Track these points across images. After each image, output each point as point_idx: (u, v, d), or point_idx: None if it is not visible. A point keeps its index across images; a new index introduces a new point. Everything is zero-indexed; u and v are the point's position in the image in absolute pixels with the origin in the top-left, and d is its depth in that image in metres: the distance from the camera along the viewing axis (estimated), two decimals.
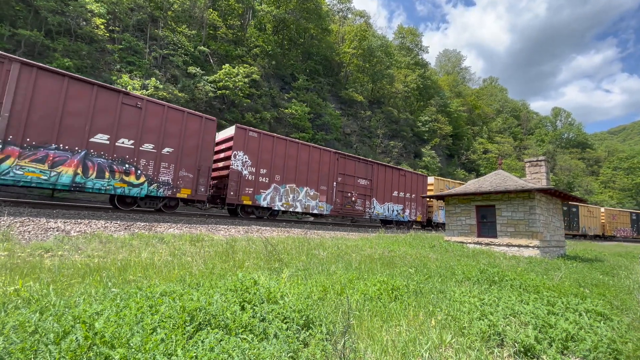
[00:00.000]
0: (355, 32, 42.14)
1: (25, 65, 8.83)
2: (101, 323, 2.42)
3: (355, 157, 18.88)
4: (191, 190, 12.17)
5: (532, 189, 11.50)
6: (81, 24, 20.83)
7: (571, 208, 33.43)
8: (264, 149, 14.30)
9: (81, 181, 9.75)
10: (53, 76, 9.30)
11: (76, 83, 9.69)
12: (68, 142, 9.49)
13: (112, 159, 10.33)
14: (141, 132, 10.88)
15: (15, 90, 8.65)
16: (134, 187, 10.80)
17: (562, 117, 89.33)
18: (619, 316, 4.35)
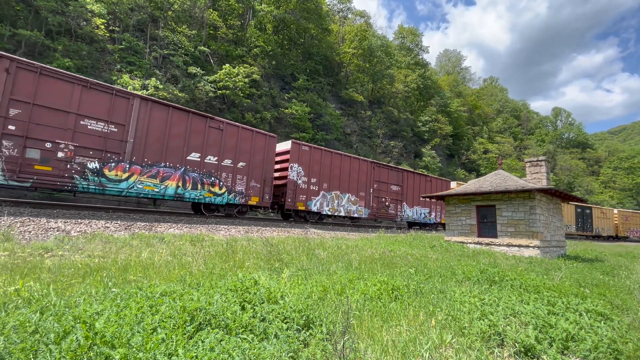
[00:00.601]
0: (356, 32, 42.14)
1: (143, 99, 11.05)
2: (101, 323, 2.42)
3: (388, 165, 21.19)
4: (259, 198, 14.26)
5: (532, 189, 11.49)
6: (81, 24, 20.85)
7: (585, 210, 34.25)
8: (314, 161, 16.27)
9: (181, 192, 11.89)
10: (161, 107, 11.49)
11: (176, 111, 11.84)
12: (172, 160, 11.66)
13: (202, 173, 12.45)
14: (222, 150, 12.99)
15: (137, 120, 10.84)
16: (218, 197, 12.97)
17: (562, 117, 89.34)
18: (619, 316, 4.35)
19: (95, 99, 10.16)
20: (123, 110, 10.59)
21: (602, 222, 36.51)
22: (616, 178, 71.48)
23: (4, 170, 8.65)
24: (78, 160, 9.82)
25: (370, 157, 33.40)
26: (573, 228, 33.03)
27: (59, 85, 9.51)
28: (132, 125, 10.72)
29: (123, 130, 10.56)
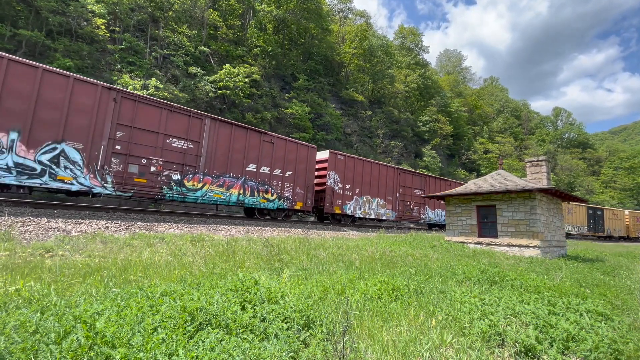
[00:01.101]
0: (356, 32, 42.12)
1: (212, 119, 12.94)
2: (102, 323, 2.42)
3: (412, 171, 23.48)
4: (302, 203, 15.94)
5: (532, 188, 11.48)
6: (82, 24, 20.87)
7: (596, 211, 35.31)
8: (348, 168, 18.03)
9: (242, 199, 13.63)
10: (226, 125, 13.34)
11: (237, 128, 13.68)
12: (234, 171, 13.44)
13: (258, 182, 14.16)
14: (273, 161, 14.70)
15: (208, 137, 12.63)
16: (270, 202, 14.66)
17: (563, 117, 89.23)
18: (620, 316, 4.35)
19: (176, 121, 11.89)
20: (197, 129, 12.36)
21: (614, 223, 37.27)
22: (617, 178, 71.38)
23: (114, 183, 10.44)
24: (165, 173, 11.64)
25: (371, 157, 33.42)
26: (585, 229, 33.58)
27: (151, 110, 11.28)
28: (204, 142, 12.57)
29: (198, 146, 12.40)
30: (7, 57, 8.84)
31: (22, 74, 8.96)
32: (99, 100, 10.17)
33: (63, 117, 9.54)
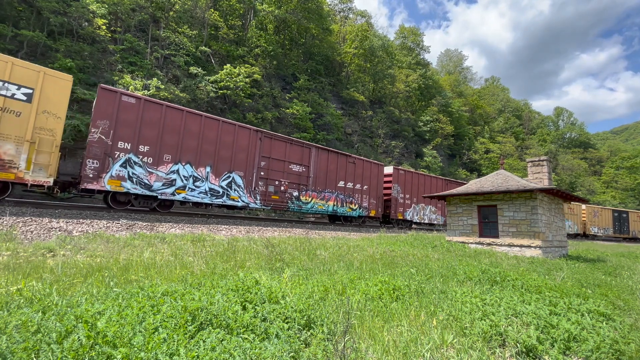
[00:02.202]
0: (357, 32, 42.11)
1: (317, 148, 16.83)
2: (103, 322, 2.43)
3: (455, 181, 26.42)
4: (375, 211, 19.60)
5: (534, 188, 11.46)
6: (83, 24, 20.91)
7: (622, 214, 38.05)
8: (407, 181, 21.70)
9: (335, 209, 17.42)
10: (325, 151, 17.16)
11: (331, 153, 17.49)
12: (330, 187, 17.15)
13: (345, 195, 17.96)
14: (354, 177, 18.49)
15: (314, 161, 16.49)
16: (354, 211, 18.41)
17: (564, 116, 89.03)
18: (621, 317, 4.33)
19: (294, 150, 15.65)
20: (307, 156, 16.18)
21: (638, 225, 39.51)
22: (618, 178, 71.15)
23: (260, 199, 14.19)
24: (289, 191, 15.26)
25: (372, 157, 33.42)
26: (610, 230, 36.17)
27: (280, 144, 15.10)
28: (311, 166, 16.31)
29: (308, 169, 16.12)
30: (203, 115, 12.68)
31: (210, 125, 12.77)
32: (250, 140, 13.98)
33: (232, 154, 13.38)
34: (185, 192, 12.05)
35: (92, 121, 10.36)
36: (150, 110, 11.30)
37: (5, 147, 8.52)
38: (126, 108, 10.81)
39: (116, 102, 10.58)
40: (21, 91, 8.84)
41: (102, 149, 10.33)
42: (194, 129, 12.29)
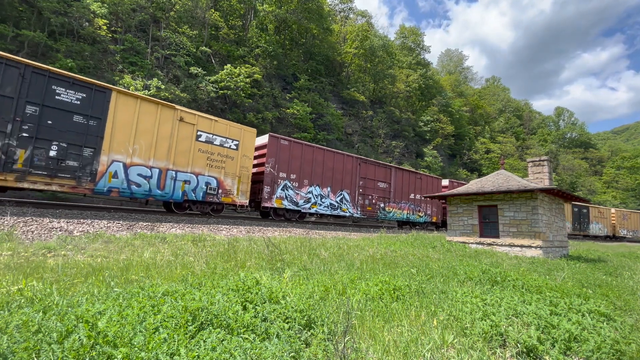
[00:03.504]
0: (357, 32, 42.11)
1: (396, 168, 21.33)
2: (104, 322, 2.43)
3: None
4: (436, 217, 23.94)
5: (534, 188, 11.45)
6: (84, 24, 20.93)
7: None
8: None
9: (408, 216, 21.62)
10: (403, 171, 21.90)
11: (405, 172, 22.20)
12: (404, 199, 21.41)
13: (415, 205, 22.13)
14: (421, 190, 22.51)
15: (394, 179, 20.81)
16: (421, 218, 22.58)
17: (565, 116, 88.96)
18: (622, 317, 4.33)
19: (380, 171, 20.05)
20: (389, 175, 20.58)
21: None
22: (619, 178, 71.06)
23: (360, 210, 18.44)
24: (378, 203, 19.58)
25: (372, 157, 33.43)
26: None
27: (371, 167, 19.52)
28: (392, 182, 20.65)
29: (389, 185, 20.46)
30: (325, 149, 17.19)
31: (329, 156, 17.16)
32: (352, 165, 18.41)
33: (342, 176, 17.64)
34: (316, 207, 16.34)
35: (266, 159, 14.39)
36: (295, 149, 15.45)
37: (227, 181, 13.00)
38: (282, 148, 14.90)
39: (277, 145, 14.73)
40: (233, 143, 13.20)
41: (271, 178, 14.46)
42: (319, 159, 16.53)
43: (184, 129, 11.79)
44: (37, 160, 8.99)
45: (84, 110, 9.70)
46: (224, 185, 12.83)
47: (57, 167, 9.27)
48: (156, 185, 11.12)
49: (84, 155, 9.70)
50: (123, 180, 10.43)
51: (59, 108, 9.35)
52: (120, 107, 10.34)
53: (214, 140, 12.61)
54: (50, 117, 9.19)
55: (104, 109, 10.04)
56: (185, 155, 11.82)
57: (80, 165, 9.64)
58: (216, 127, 12.69)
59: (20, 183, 8.77)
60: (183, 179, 11.78)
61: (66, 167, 9.43)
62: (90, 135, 9.81)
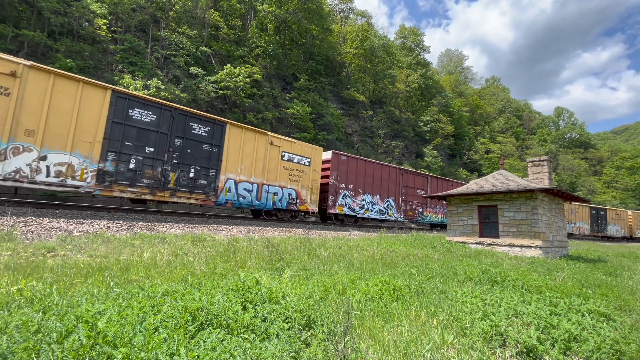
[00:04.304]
0: (357, 32, 42.11)
1: (431, 176, 24.37)
2: (104, 322, 2.43)
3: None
4: None
5: (534, 189, 11.46)
6: (83, 24, 20.92)
7: None
8: None
9: (443, 220, 24.25)
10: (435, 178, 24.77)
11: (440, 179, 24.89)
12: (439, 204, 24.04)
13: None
14: None
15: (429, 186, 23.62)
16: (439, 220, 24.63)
17: (564, 116, 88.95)
18: (622, 317, 4.33)
19: (418, 180, 22.91)
20: (426, 183, 23.41)
21: None
22: (618, 178, 71.05)
23: (403, 215, 21.27)
24: (417, 208, 22.41)
25: (372, 157, 33.44)
26: None
27: (411, 176, 22.62)
28: (428, 190, 23.36)
29: (426, 192, 22.97)
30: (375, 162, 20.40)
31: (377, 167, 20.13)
32: (397, 175, 21.25)
33: (388, 185, 20.52)
34: (368, 212, 19.14)
35: (330, 172, 17.25)
36: (351, 162, 18.39)
37: (303, 192, 15.72)
38: (341, 163, 17.83)
39: (338, 160, 17.71)
40: (306, 160, 15.94)
41: (334, 189, 17.30)
42: (369, 171, 19.41)
43: (272, 151, 14.56)
44: (182, 180, 11.75)
45: (209, 140, 12.46)
46: (301, 196, 15.66)
47: (193, 185, 12.03)
48: (255, 197, 13.83)
49: (209, 175, 12.44)
50: (234, 194, 13.11)
51: (194, 139, 12.07)
52: (231, 136, 13.07)
53: (293, 159, 15.43)
54: (189, 147, 11.92)
55: (222, 138, 12.81)
56: (274, 172, 14.57)
57: (208, 183, 12.38)
58: (294, 148, 15.52)
59: (172, 198, 11.48)
60: (273, 192, 14.55)
61: (199, 185, 12.17)
62: (213, 160, 12.55)
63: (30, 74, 8.90)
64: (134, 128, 10.73)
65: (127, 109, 10.61)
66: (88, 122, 9.80)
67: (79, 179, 9.64)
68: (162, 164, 11.22)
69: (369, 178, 19.21)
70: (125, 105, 10.57)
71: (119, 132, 10.40)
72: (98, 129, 9.97)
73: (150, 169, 10.97)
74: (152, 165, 11.02)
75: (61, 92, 9.36)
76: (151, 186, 10.98)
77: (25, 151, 8.77)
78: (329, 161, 17.42)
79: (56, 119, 9.25)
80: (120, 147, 10.40)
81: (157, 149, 11.13)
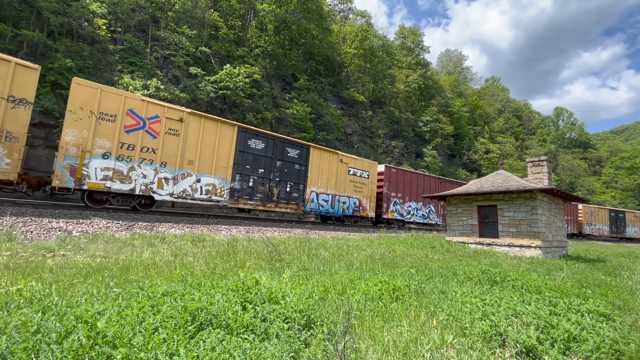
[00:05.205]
0: (357, 33, 42.10)
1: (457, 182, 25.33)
2: (103, 323, 2.43)
3: None
4: None
5: (534, 189, 11.46)
6: (83, 24, 20.91)
7: None
8: None
9: None
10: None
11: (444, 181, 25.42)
12: None
13: None
14: None
15: None
16: None
17: (564, 117, 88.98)
18: (621, 317, 4.33)
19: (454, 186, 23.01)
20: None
21: None
22: (618, 178, 71.10)
23: (441, 219, 23.63)
24: None
25: (372, 158, 33.46)
26: None
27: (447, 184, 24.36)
28: None
29: None
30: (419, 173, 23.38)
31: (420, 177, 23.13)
32: (436, 184, 23.61)
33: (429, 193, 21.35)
34: (414, 217, 21.85)
35: (383, 183, 20.01)
36: (400, 174, 21.37)
37: (364, 200, 18.66)
38: (392, 174, 20.69)
39: (389, 172, 20.59)
40: (366, 173, 19.04)
41: (387, 197, 20.16)
42: (414, 181, 22.04)
43: (342, 167, 17.69)
44: (282, 194, 14.72)
45: (299, 160, 15.51)
46: (362, 204, 18.60)
47: (289, 197, 14.97)
48: (330, 206, 16.91)
49: (299, 189, 15.45)
50: (316, 204, 16.17)
51: (289, 161, 15.10)
52: (313, 156, 16.07)
53: (357, 173, 18.49)
54: (285, 167, 14.93)
55: (307, 159, 15.87)
56: (343, 184, 17.60)
57: (299, 195, 15.37)
58: (357, 163, 18.66)
59: (276, 208, 14.57)
60: (342, 201, 17.62)
61: (292, 197, 15.12)
62: (302, 176, 15.58)
63: (190, 118, 11.92)
64: (251, 154, 13.80)
65: (247, 140, 13.65)
66: (224, 152, 12.90)
67: (219, 195, 12.72)
68: (269, 181, 14.33)
69: (413, 187, 22.11)
70: (245, 137, 13.63)
71: (242, 158, 13.51)
72: (230, 156, 13.07)
73: (262, 186, 14.06)
74: (263, 182, 14.11)
75: (207, 130, 12.41)
76: (262, 199, 14.05)
77: (188, 176, 11.92)
78: (382, 173, 20.38)
79: (205, 151, 12.36)
80: (243, 170, 13.50)
81: (266, 170, 14.23)
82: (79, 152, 9.69)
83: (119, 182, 10.41)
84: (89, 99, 9.89)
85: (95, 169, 10.01)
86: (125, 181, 10.52)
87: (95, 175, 9.99)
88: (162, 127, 11.24)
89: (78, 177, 9.70)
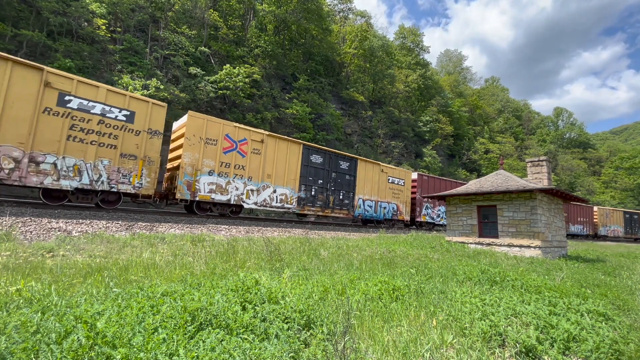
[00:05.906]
0: (356, 33, 42.12)
1: None
2: (103, 323, 2.43)
3: None
4: None
5: (533, 189, 11.47)
6: (83, 24, 20.90)
7: None
8: None
9: None
10: None
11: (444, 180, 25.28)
12: None
13: None
14: None
15: None
16: None
17: (564, 117, 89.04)
18: (620, 317, 4.34)
19: None
20: None
21: None
22: (617, 178, 71.14)
23: None
24: None
25: (371, 157, 33.46)
26: None
27: None
28: None
29: None
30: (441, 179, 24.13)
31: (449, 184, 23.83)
32: None
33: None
34: (443, 220, 23.40)
35: (416, 189, 21.91)
36: (430, 181, 23.08)
37: (401, 205, 20.83)
38: (424, 181, 22.64)
39: (421, 179, 22.51)
40: (402, 181, 21.08)
41: (420, 202, 22.07)
42: (442, 186, 23.21)
43: (382, 176, 19.79)
44: (336, 201, 16.82)
45: (349, 172, 17.62)
46: (399, 209, 20.72)
47: (342, 204, 17.12)
48: (374, 211, 18.99)
49: (350, 196, 17.57)
50: (363, 209, 18.26)
51: (341, 172, 17.22)
52: (359, 167, 18.21)
53: (395, 181, 20.59)
54: (338, 178, 17.05)
55: (355, 170, 17.98)
56: (383, 192, 19.70)
57: (349, 202, 17.49)
58: (394, 172, 20.73)
59: (332, 213, 16.57)
60: (383, 206, 19.68)
61: (344, 204, 17.24)
62: (351, 185, 17.68)
63: (267, 139, 14.21)
64: (312, 168, 15.90)
65: (309, 155, 15.82)
66: (292, 166, 15.04)
67: (290, 203, 14.84)
68: (326, 190, 16.45)
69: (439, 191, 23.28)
70: (308, 153, 15.79)
71: (306, 172, 15.61)
72: (297, 170, 15.21)
73: (321, 194, 16.19)
74: (322, 192, 16.24)
75: (280, 148, 14.64)
76: (321, 206, 16.15)
77: (267, 188, 14.03)
78: (415, 180, 22.36)
79: (279, 166, 14.53)
80: (306, 181, 15.58)
81: (324, 181, 16.38)
82: (193, 170, 11.96)
83: (219, 194, 12.68)
84: (198, 127, 12.12)
85: (204, 184, 12.28)
86: (224, 193, 12.80)
87: (203, 189, 12.26)
88: (248, 147, 13.53)
89: (192, 191, 11.95)
